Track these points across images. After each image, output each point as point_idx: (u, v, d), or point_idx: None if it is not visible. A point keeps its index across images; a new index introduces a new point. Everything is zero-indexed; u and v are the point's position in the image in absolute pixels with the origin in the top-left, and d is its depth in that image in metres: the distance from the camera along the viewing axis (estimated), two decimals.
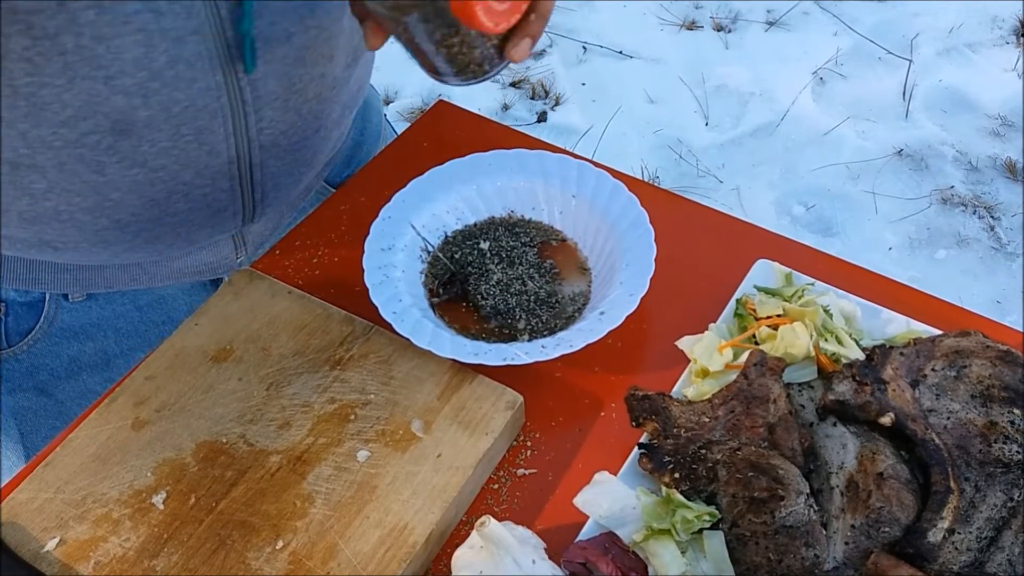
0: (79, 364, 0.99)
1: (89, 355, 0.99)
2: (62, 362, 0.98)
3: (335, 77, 0.90)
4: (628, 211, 0.92)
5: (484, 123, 1.16)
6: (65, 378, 0.99)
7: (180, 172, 0.82)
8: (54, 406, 1.00)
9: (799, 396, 0.79)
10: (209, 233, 0.92)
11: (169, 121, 0.78)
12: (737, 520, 0.70)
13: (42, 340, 0.96)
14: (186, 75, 0.75)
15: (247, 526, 0.73)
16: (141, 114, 0.76)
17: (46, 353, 0.97)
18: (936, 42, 3.05)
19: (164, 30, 0.72)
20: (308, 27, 0.82)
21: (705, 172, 2.72)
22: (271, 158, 0.88)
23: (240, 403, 0.81)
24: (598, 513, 0.73)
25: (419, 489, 0.74)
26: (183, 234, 0.89)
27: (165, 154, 0.80)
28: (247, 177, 0.88)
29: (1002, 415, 0.74)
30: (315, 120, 0.90)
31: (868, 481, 0.71)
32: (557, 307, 0.91)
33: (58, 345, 0.97)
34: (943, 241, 2.51)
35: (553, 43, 3.19)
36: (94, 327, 0.98)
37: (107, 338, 0.99)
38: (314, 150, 0.94)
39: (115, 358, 1.00)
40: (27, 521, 0.74)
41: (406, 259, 0.92)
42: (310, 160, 0.95)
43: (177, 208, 0.86)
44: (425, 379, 0.82)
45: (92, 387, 1.00)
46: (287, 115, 0.86)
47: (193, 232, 0.90)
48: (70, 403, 1.00)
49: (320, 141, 0.94)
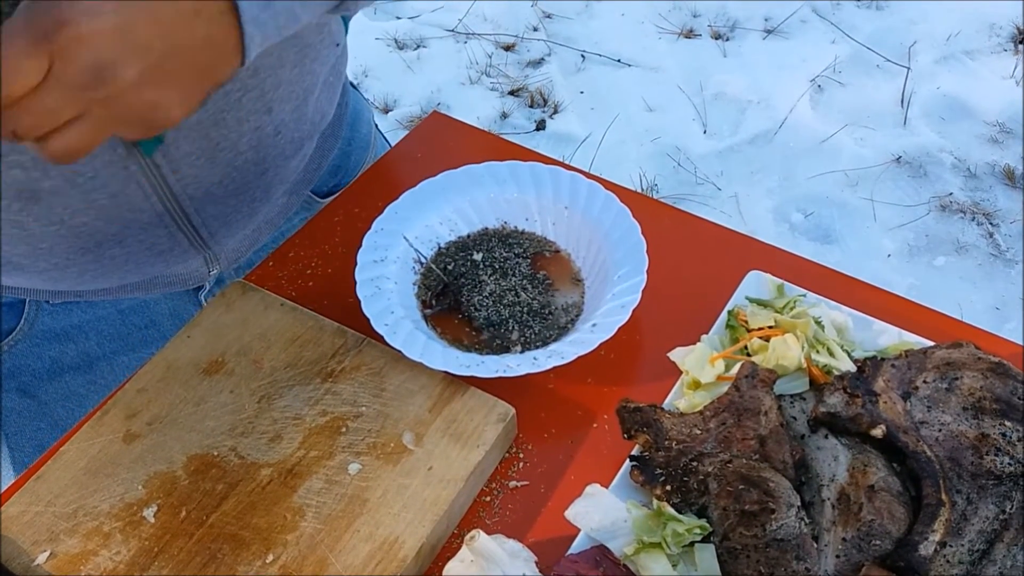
0: (61, 365, 0.99)
1: (71, 357, 0.99)
2: (44, 363, 0.98)
3: (278, 123, 0.89)
4: (620, 222, 0.92)
5: (478, 134, 1.16)
6: (47, 379, 0.99)
7: (104, 227, 0.82)
8: (37, 407, 1.00)
9: (791, 408, 0.79)
10: (162, 267, 0.92)
11: (76, 189, 0.77)
12: (728, 533, 0.70)
13: (23, 341, 0.96)
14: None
15: (237, 540, 0.73)
16: (44, 184, 0.76)
17: (28, 354, 0.97)
18: (934, 49, 3.05)
19: None
20: (224, 93, 0.80)
21: (703, 179, 2.72)
22: (208, 205, 0.88)
23: (231, 416, 0.81)
24: (589, 526, 0.73)
25: (410, 502, 0.74)
26: (133, 269, 0.89)
27: (82, 213, 0.80)
28: (185, 223, 0.87)
29: (994, 427, 0.73)
30: (256, 166, 0.89)
31: (859, 494, 0.71)
32: (550, 318, 0.91)
33: (39, 346, 0.97)
34: (942, 248, 2.51)
35: (552, 52, 3.20)
36: (75, 329, 0.98)
37: (89, 340, 0.99)
38: (265, 188, 0.93)
39: (97, 360, 1.00)
40: (18, 534, 0.74)
41: (399, 271, 0.92)
42: (262, 196, 0.94)
43: (113, 253, 0.86)
44: (417, 391, 0.82)
45: (75, 389, 1.00)
46: (215, 169, 0.85)
47: (143, 267, 0.90)
48: (53, 404, 1.00)
49: (270, 180, 0.93)
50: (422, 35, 3.30)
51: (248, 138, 0.86)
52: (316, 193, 1.10)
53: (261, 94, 0.84)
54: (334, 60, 0.96)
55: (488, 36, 3.27)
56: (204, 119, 0.81)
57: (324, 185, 1.11)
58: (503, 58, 3.19)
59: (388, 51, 3.22)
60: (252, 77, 0.82)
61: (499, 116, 2.97)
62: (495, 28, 3.31)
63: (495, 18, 3.34)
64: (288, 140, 0.92)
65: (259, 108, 0.85)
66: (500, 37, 3.27)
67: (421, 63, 3.17)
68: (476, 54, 3.19)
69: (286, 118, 0.89)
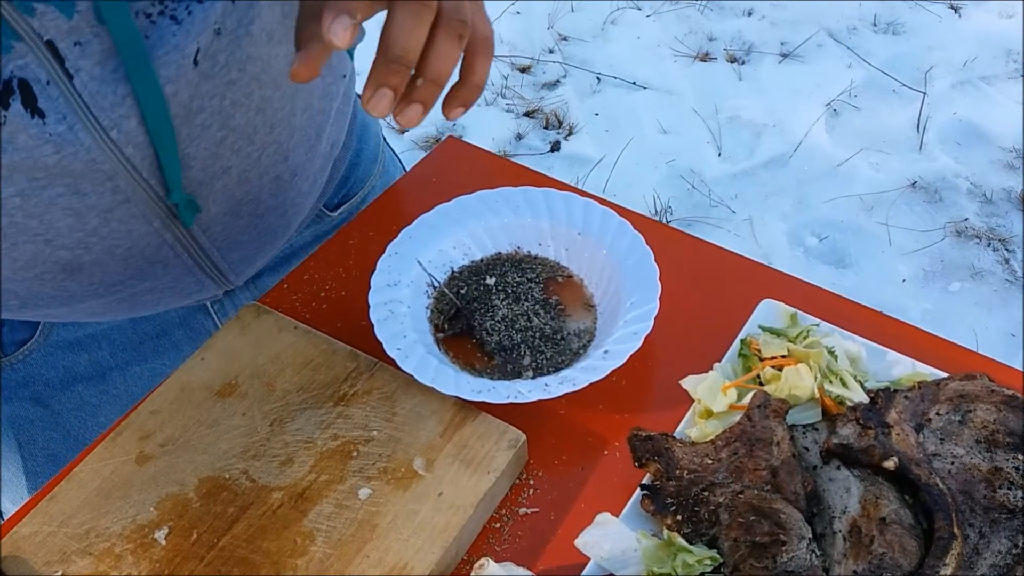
0: (74, 375, 1.00)
1: (84, 366, 1.00)
2: (57, 373, 0.99)
3: (294, 167, 0.92)
4: (634, 249, 0.92)
5: (492, 159, 1.17)
6: (60, 389, 1.00)
7: (139, 283, 0.87)
8: (50, 416, 1.01)
9: (803, 439, 0.79)
10: (188, 301, 0.97)
11: (115, 259, 0.83)
12: (739, 565, 0.70)
13: (37, 351, 0.97)
14: (121, 230, 0.80)
15: (248, 563, 0.73)
16: (86, 259, 0.81)
17: (41, 364, 0.98)
18: (950, 75, 3.05)
19: (91, 206, 0.77)
20: (248, 154, 0.84)
21: (718, 202, 2.72)
22: (232, 251, 0.93)
23: (244, 439, 0.81)
24: (599, 555, 0.73)
25: (420, 528, 0.74)
26: (161, 307, 0.96)
27: (120, 274, 0.85)
28: (211, 269, 0.92)
29: (1007, 461, 0.73)
30: (276, 209, 0.93)
31: (871, 526, 0.71)
32: (562, 344, 0.91)
33: (53, 356, 0.98)
34: (957, 274, 2.50)
35: (567, 74, 3.22)
36: (89, 339, 0.99)
37: (101, 350, 1.00)
38: (285, 226, 0.98)
39: (110, 370, 1.01)
40: (30, 555, 0.74)
41: (412, 295, 0.92)
42: (281, 233, 0.98)
43: (145, 299, 0.91)
44: (428, 416, 0.82)
45: (88, 399, 1.01)
46: (240, 220, 0.90)
47: (170, 304, 0.96)
48: (66, 414, 1.01)
49: (290, 218, 0.97)
50: None
51: (268, 188, 0.89)
52: (326, 206, 1.11)
53: (278, 147, 0.87)
54: (343, 90, 0.98)
55: (504, 58, 3.29)
56: (229, 183, 0.84)
57: (333, 198, 1.12)
58: (519, 80, 3.21)
59: None
60: (269, 134, 0.85)
61: (514, 137, 2.98)
62: (511, 50, 3.33)
63: (511, 40, 3.36)
64: (304, 179, 0.95)
65: (277, 159, 0.88)
66: (516, 59, 3.29)
67: None
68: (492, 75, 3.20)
69: (301, 160, 0.92)
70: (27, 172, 0.72)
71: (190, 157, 0.79)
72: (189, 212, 0.82)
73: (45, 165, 0.72)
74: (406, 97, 0.64)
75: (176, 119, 0.75)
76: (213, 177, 0.82)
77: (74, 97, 0.69)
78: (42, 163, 0.71)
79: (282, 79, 0.83)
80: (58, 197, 0.74)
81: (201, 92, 0.76)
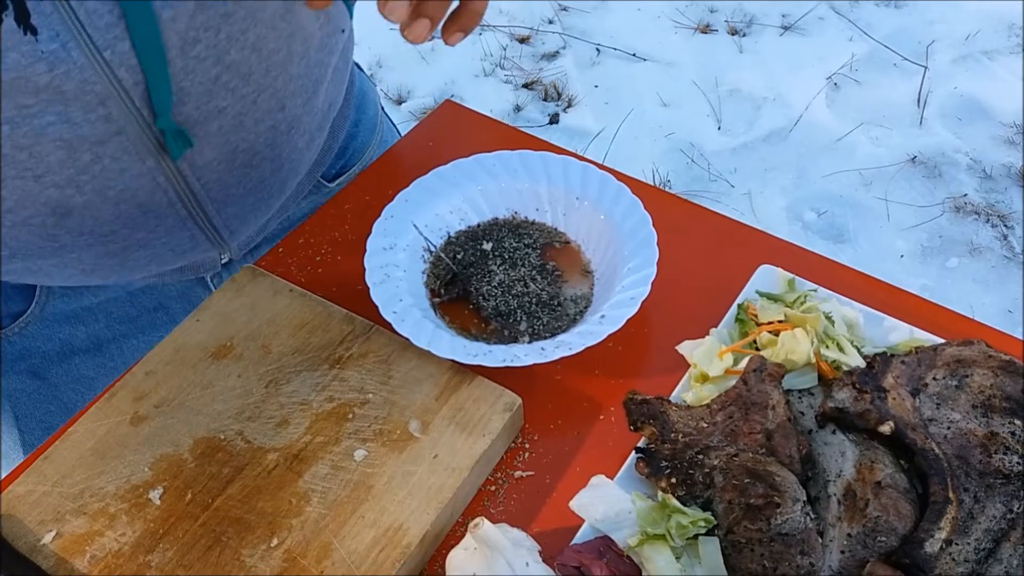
0: (71, 348, 1.00)
1: (81, 339, 1.00)
2: (54, 345, 0.99)
3: (291, 119, 0.90)
4: (632, 214, 0.92)
5: (490, 124, 1.16)
6: (57, 361, 1.00)
7: (132, 234, 0.86)
8: (47, 389, 1.00)
9: (798, 403, 0.78)
10: (182, 262, 0.95)
11: (107, 202, 0.81)
12: (733, 527, 0.70)
13: (34, 323, 0.97)
14: (114, 167, 0.78)
15: (242, 523, 0.73)
16: (77, 200, 0.79)
17: (38, 336, 0.98)
18: (952, 49, 3.03)
19: (82, 137, 0.75)
20: (243, 95, 0.83)
21: (717, 176, 2.71)
22: (227, 205, 0.91)
23: (239, 400, 0.81)
24: (594, 517, 0.73)
25: (415, 490, 0.74)
26: (154, 267, 0.93)
27: (111, 222, 0.83)
28: (205, 223, 0.91)
29: (1003, 426, 0.73)
30: (272, 163, 0.92)
31: (866, 490, 0.71)
32: (559, 309, 0.90)
33: (50, 328, 0.98)
34: (955, 249, 2.49)
35: (567, 45, 3.19)
36: (85, 311, 0.99)
37: (98, 323, 1.00)
38: (280, 183, 0.96)
39: (107, 343, 1.01)
40: (24, 514, 0.74)
41: (408, 259, 0.92)
42: (277, 192, 0.96)
43: (137, 255, 0.89)
44: (424, 379, 0.82)
45: (84, 371, 1.00)
46: (234, 171, 0.88)
47: (163, 264, 0.93)
48: (63, 387, 1.01)
49: (285, 174, 0.96)
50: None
51: (264, 138, 0.88)
52: (324, 177, 1.11)
53: (274, 92, 0.86)
54: (341, 47, 0.97)
55: (503, 28, 3.26)
56: (225, 125, 0.83)
57: (331, 168, 1.11)
58: (518, 51, 3.18)
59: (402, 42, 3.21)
60: (264, 76, 0.84)
61: (513, 109, 2.96)
62: (510, 20, 3.30)
63: (510, 10, 3.33)
64: (301, 134, 0.94)
65: (273, 107, 0.87)
66: (515, 29, 3.26)
67: (435, 55, 3.17)
68: (491, 46, 3.19)
69: (298, 112, 0.91)
70: (17, 97, 0.70)
71: (185, 92, 0.77)
72: (178, 143, 0.80)
73: (36, 87, 0.69)
74: (414, 12, 0.66)
75: (172, 50, 0.74)
76: (208, 117, 0.81)
77: (68, 14, 0.68)
78: (33, 83, 0.69)
79: (278, 20, 0.82)
80: (48, 126, 0.73)
81: (197, 23, 0.74)
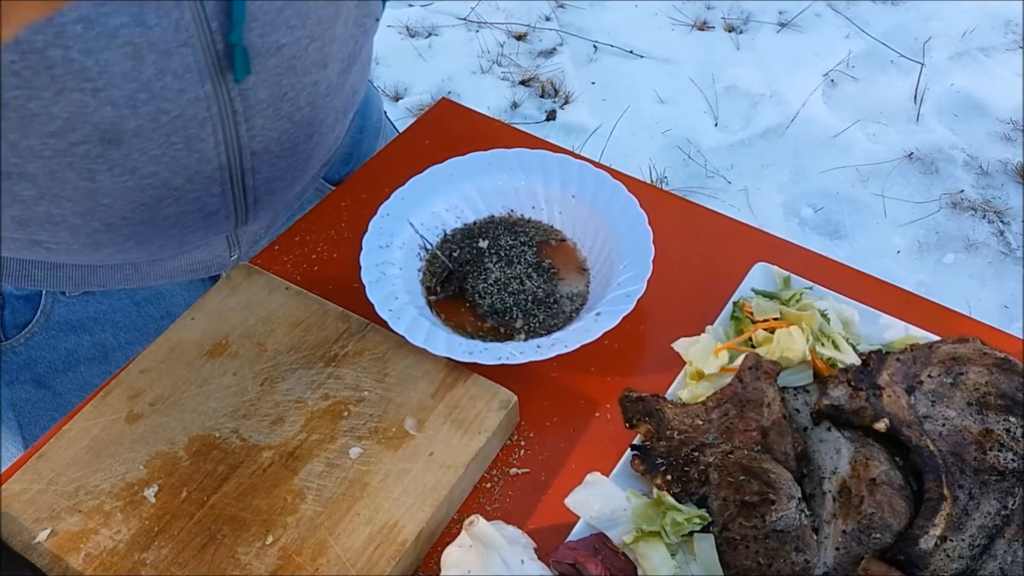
0: (77, 357, 0.99)
1: (87, 348, 0.99)
2: (59, 355, 0.98)
3: (329, 84, 0.90)
4: (628, 212, 0.92)
5: (486, 122, 1.16)
6: (63, 370, 0.99)
7: (171, 178, 0.83)
8: (52, 398, 1.00)
9: (794, 400, 0.78)
10: (202, 235, 0.92)
11: (158, 130, 0.78)
12: (728, 524, 0.70)
13: (39, 333, 0.97)
14: (175, 86, 0.76)
15: (237, 521, 0.73)
16: (130, 124, 0.76)
17: (43, 346, 0.97)
18: (948, 46, 3.03)
19: (152, 43, 0.72)
20: (299, 37, 0.82)
21: (714, 173, 2.71)
22: (263, 164, 0.89)
23: (234, 398, 0.81)
24: (589, 514, 0.73)
25: (410, 487, 0.74)
26: (175, 236, 0.90)
27: (155, 161, 0.80)
28: (239, 182, 0.88)
29: (998, 423, 0.73)
30: (308, 126, 0.90)
31: (861, 487, 0.71)
32: (555, 307, 0.90)
33: (55, 338, 0.98)
34: (952, 245, 2.50)
35: (564, 42, 3.19)
36: (91, 320, 0.99)
37: (104, 331, 1.00)
38: (308, 155, 0.94)
39: (113, 351, 1.01)
40: (19, 512, 0.74)
41: (404, 257, 0.92)
42: (304, 165, 0.95)
43: (168, 212, 0.86)
44: (419, 377, 0.82)
45: (90, 380, 1.00)
46: (279, 122, 0.86)
47: (185, 234, 0.91)
48: (68, 395, 1.00)
49: (314, 146, 0.94)
50: (434, 23, 3.30)
51: (307, 92, 0.87)
52: (328, 181, 1.11)
53: (322, 45, 0.85)
54: (373, 35, 0.97)
55: (500, 25, 3.26)
56: (280, 64, 0.81)
57: (336, 173, 1.11)
58: (515, 47, 3.18)
59: (400, 39, 3.22)
60: (318, 25, 0.83)
61: (510, 106, 2.96)
62: (507, 17, 3.30)
63: (507, 7, 3.33)
64: (332, 106, 0.93)
65: (318, 61, 0.86)
66: (512, 26, 3.26)
67: (432, 51, 3.17)
68: (488, 43, 3.19)
69: (334, 80, 0.90)
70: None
71: (252, 17, 0.76)
72: (243, 61, 0.78)
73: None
74: None
75: None
76: (267, 50, 0.80)
77: None
78: None
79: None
80: (121, 28, 0.70)
81: None
